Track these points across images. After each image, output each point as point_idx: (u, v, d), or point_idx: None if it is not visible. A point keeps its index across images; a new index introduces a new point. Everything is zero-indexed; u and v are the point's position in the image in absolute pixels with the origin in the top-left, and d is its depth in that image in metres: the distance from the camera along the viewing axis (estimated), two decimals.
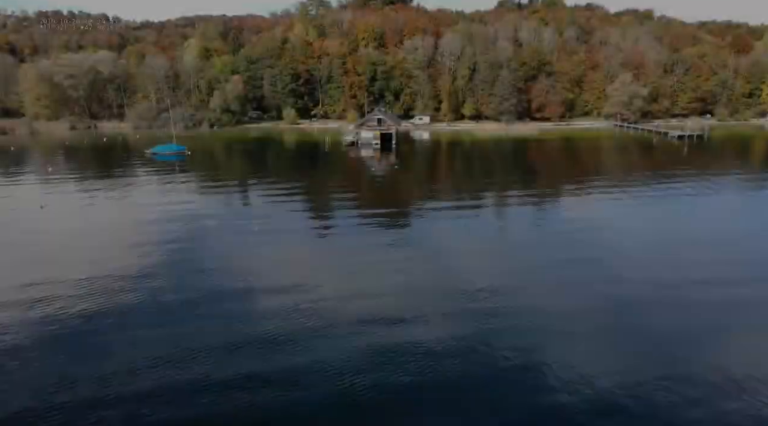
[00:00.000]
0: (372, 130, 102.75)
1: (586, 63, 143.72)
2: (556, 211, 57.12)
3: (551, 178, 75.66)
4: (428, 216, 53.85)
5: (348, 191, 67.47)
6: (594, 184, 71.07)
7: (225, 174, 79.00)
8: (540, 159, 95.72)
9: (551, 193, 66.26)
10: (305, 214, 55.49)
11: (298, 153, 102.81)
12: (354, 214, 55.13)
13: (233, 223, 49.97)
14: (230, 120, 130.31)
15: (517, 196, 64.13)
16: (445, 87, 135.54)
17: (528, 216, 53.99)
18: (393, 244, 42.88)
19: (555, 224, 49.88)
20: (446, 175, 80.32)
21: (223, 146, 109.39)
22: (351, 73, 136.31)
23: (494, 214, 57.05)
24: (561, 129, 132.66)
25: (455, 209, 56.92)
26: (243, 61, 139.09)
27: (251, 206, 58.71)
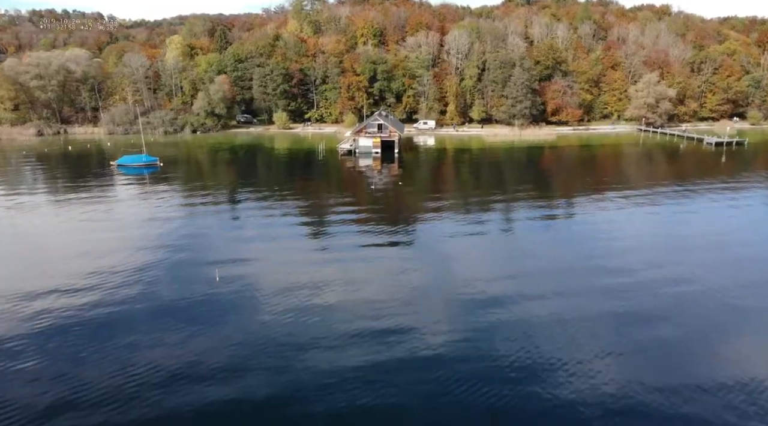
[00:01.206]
0: (371, 137, 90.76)
1: (605, 61, 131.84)
2: (596, 240, 45.25)
3: (581, 193, 63.57)
4: (439, 243, 45.21)
5: (344, 212, 55.62)
6: (635, 200, 59.30)
7: (200, 189, 67.06)
8: (562, 170, 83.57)
9: (585, 214, 54.33)
10: (291, 246, 43.89)
11: (288, 163, 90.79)
12: (352, 243, 43.40)
13: (190, 269, 37.98)
14: (215, 124, 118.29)
15: (540, 218, 52.46)
16: (451, 88, 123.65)
17: (559, 246, 42.49)
18: (401, 274, 35.92)
19: (599, 272, 38.14)
20: (455, 190, 68.25)
21: (205, 154, 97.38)
22: (348, 72, 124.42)
23: (512, 239, 45.84)
24: (580, 134, 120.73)
25: (469, 235, 47.92)
26: (230, 59, 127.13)
27: (222, 235, 46.66)
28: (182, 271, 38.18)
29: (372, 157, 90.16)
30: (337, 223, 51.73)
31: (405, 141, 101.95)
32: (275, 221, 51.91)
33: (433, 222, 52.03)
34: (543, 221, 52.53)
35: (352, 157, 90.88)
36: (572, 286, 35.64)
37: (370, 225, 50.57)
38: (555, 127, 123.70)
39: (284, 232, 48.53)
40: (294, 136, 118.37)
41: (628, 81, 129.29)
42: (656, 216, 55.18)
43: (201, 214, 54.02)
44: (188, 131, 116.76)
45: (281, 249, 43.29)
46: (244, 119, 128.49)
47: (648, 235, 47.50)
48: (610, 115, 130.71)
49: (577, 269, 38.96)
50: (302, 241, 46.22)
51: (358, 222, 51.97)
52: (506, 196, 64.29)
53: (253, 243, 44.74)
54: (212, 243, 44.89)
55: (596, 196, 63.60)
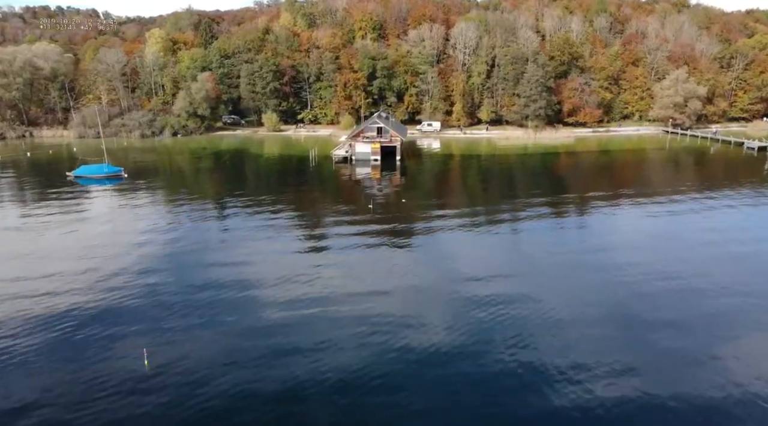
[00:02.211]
0: (370, 142, 79.82)
1: (625, 57, 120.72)
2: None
3: (616, 210, 52.38)
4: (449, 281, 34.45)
5: (337, 235, 44.75)
6: (685, 219, 47.47)
7: (168, 204, 56.19)
8: (589, 181, 72.37)
9: (625, 241, 42.88)
10: (275, 276, 33.17)
11: (276, 172, 79.89)
12: (342, 293, 32.67)
13: (111, 362, 27.11)
14: (198, 126, 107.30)
15: (572, 254, 41.08)
16: (457, 86, 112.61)
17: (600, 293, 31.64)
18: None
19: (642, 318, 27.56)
20: (465, 206, 56.83)
21: (184, 161, 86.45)
22: (345, 69, 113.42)
23: (535, 281, 34.97)
24: (600, 136, 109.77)
25: (483, 260, 35.71)
26: (215, 55, 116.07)
27: (184, 279, 35.77)
28: (105, 360, 27.40)
29: (371, 165, 79.32)
30: (328, 251, 40.91)
31: (407, 145, 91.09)
32: (255, 248, 41.08)
33: (443, 250, 41.22)
34: (573, 255, 41.61)
35: (348, 165, 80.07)
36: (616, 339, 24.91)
37: (369, 255, 39.82)
38: (572, 128, 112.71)
39: (266, 260, 37.78)
40: (285, 139, 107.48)
41: (651, 78, 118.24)
42: (714, 234, 44.51)
43: (161, 245, 43.11)
44: (168, 134, 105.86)
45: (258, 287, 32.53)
46: (230, 120, 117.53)
47: (707, 273, 36.68)
48: (631, 115, 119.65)
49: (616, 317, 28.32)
50: (288, 269, 35.55)
51: (354, 248, 41.22)
52: (522, 212, 53.39)
53: (223, 286, 34.01)
54: (162, 297, 34.05)
55: (634, 212, 52.69)
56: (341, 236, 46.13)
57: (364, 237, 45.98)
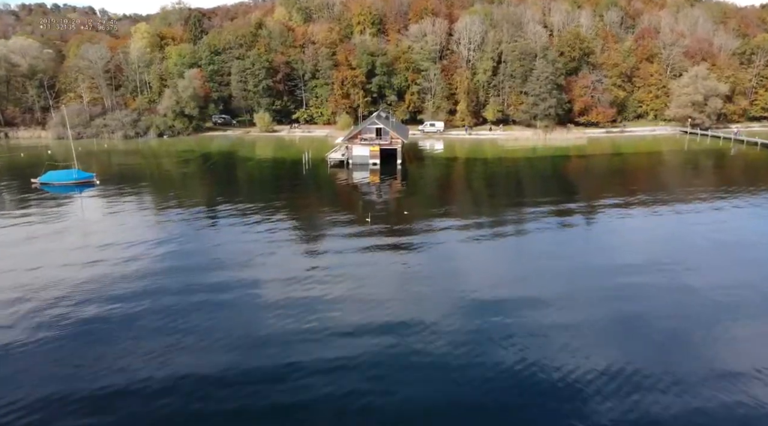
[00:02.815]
0: (368, 144, 73.21)
1: (638, 53, 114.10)
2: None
3: (645, 220, 45.63)
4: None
5: (331, 252, 38.07)
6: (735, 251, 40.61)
7: (138, 217, 49.50)
8: (606, 185, 65.41)
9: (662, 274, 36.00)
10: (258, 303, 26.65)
11: (265, 176, 73.36)
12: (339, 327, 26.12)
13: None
14: (186, 127, 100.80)
15: (601, 275, 34.07)
16: (462, 83, 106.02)
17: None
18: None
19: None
20: (476, 214, 50.00)
21: (167, 164, 79.84)
22: (343, 66, 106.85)
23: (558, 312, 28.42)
24: (614, 137, 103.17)
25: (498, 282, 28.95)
26: (205, 51, 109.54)
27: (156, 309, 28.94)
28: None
29: (369, 170, 72.74)
30: (319, 274, 34.28)
31: (408, 146, 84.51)
32: (228, 274, 34.44)
33: (451, 270, 34.56)
34: (603, 278, 34.94)
35: (344, 169, 73.50)
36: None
37: (367, 278, 33.21)
38: (583, 128, 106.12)
39: (244, 286, 31.16)
40: (278, 141, 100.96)
41: (666, 75, 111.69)
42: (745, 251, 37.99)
43: (115, 265, 36.43)
44: (153, 135, 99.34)
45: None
46: (221, 120, 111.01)
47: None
48: (645, 114, 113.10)
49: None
50: (275, 296, 28.91)
51: (350, 267, 34.60)
52: (535, 224, 46.74)
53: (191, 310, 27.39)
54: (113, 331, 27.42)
55: (657, 221, 46.03)
56: (335, 254, 39.55)
57: (362, 255, 39.42)
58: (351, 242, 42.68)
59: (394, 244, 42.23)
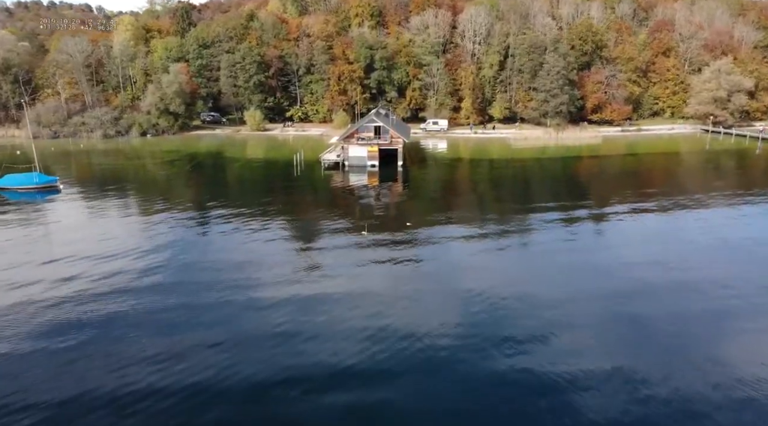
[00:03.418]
0: (366, 144, 66.43)
1: (654, 46, 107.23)
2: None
3: (674, 233, 38.94)
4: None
5: (319, 275, 31.36)
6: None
7: (96, 224, 42.75)
8: (629, 192, 58.34)
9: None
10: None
11: (252, 180, 66.64)
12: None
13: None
14: (171, 125, 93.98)
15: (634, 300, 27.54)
16: (467, 79, 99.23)
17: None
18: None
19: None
20: (487, 225, 43.07)
21: (145, 166, 73.05)
22: (339, 60, 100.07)
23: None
24: (630, 137, 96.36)
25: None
26: (193, 44, 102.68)
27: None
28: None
29: (367, 172, 66.03)
30: (304, 301, 27.62)
31: (410, 146, 77.78)
32: (196, 297, 27.74)
33: (462, 299, 27.92)
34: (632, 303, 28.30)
35: (340, 172, 66.78)
36: None
37: (361, 308, 26.57)
38: (596, 127, 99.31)
39: (213, 312, 24.50)
40: (271, 140, 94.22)
41: (684, 70, 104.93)
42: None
43: (54, 285, 29.70)
44: (136, 134, 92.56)
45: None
46: (210, 119, 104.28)
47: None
48: (661, 112, 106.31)
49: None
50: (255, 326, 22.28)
51: (342, 294, 27.97)
52: (555, 236, 39.99)
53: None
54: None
55: (686, 233, 39.32)
56: (324, 278, 32.86)
57: (356, 275, 32.80)
58: (344, 258, 36.00)
59: (393, 262, 35.52)
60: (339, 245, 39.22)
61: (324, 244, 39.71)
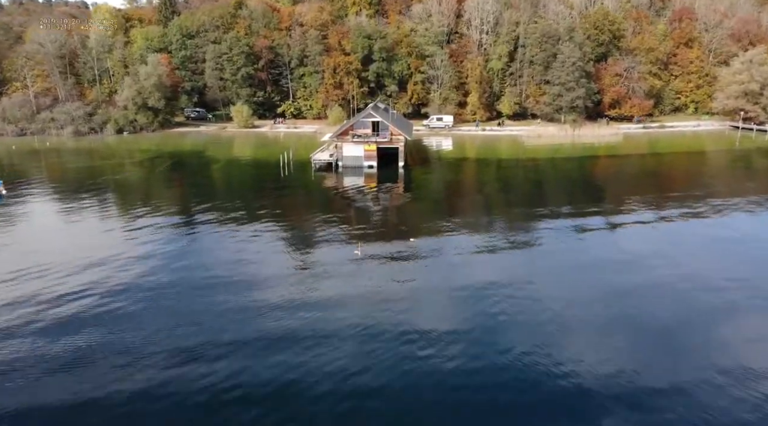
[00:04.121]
0: (362, 142, 58.40)
1: (675, 36, 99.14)
2: None
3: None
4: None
5: (298, 311, 23.35)
6: None
7: (42, 237, 34.69)
8: (664, 198, 50.25)
9: None
10: None
11: (232, 184, 58.52)
12: None
13: None
14: (151, 121, 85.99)
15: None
16: (473, 71, 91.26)
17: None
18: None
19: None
20: (507, 242, 34.96)
21: (114, 167, 64.95)
22: (335, 51, 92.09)
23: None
24: (653, 134, 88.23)
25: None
26: (176, 34, 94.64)
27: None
28: None
29: (363, 174, 58.06)
30: (283, 343, 19.71)
31: (412, 145, 69.73)
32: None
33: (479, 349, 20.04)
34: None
35: (332, 174, 58.77)
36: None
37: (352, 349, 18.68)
38: (615, 123, 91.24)
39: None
40: (259, 138, 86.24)
41: (708, 62, 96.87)
42: None
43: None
44: (111, 131, 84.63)
45: None
46: (195, 115, 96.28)
47: None
48: (684, 107, 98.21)
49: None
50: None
51: (327, 336, 20.06)
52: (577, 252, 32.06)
53: None
54: None
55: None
56: (303, 308, 24.92)
57: (345, 308, 24.86)
58: (330, 293, 27.97)
59: (391, 298, 27.47)
60: (327, 267, 31.23)
61: (308, 265, 31.78)
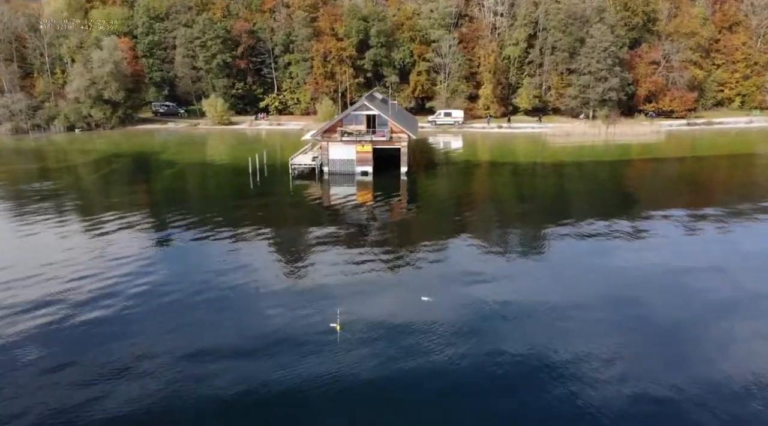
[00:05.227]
0: (353, 142, 45.53)
1: (717, 20, 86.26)
2: None
3: None
4: None
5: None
6: None
7: None
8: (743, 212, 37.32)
9: None
10: None
11: (182, 196, 45.35)
12: None
13: None
14: (108, 117, 73.12)
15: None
16: (487, 59, 78.40)
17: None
18: None
19: None
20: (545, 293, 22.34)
21: (35, 172, 52.03)
22: (326, 35, 79.17)
23: None
24: (698, 132, 75.28)
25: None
26: (143, 16, 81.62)
27: None
28: None
29: (356, 183, 45.34)
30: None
31: (415, 145, 56.85)
32: None
33: None
34: None
35: (316, 182, 45.99)
36: None
37: None
38: (654, 120, 78.31)
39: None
40: (237, 136, 73.52)
41: (757, 48, 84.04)
42: None
43: None
44: (61, 128, 71.88)
45: None
46: (164, 109, 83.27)
47: None
48: (727, 100, 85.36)
49: None
50: None
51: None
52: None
53: None
54: None
55: None
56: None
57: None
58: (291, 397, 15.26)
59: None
60: (286, 358, 18.50)
61: (260, 356, 19.05)
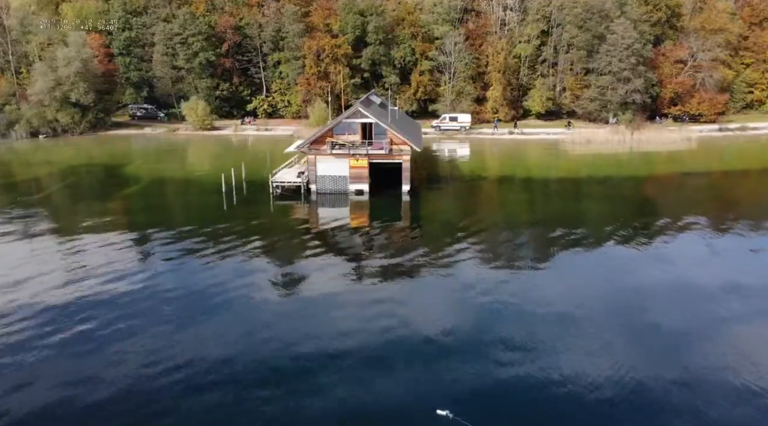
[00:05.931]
0: (346, 155, 38.24)
1: (745, 15, 79.31)
2: None
3: None
4: None
5: None
6: None
7: None
8: None
9: None
10: None
11: (132, 224, 37.64)
12: None
13: None
14: (77, 122, 65.97)
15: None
16: (495, 58, 71.20)
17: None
18: None
19: None
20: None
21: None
22: (319, 32, 72.15)
23: None
24: (733, 138, 68.10)
25: None
26: (119, 10, 74.37)
27: None
28: None
29: (349, 203, 38.09)
30: None
31: (417, 155, 49.52)
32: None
33: None
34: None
35: (301, 203, 38.70)
36: None
37: None
38: (681, 124, 71.18)
39: None
40: (221, 143, 66.41)
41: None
42: None
43: None
44: (23, 134, 64.72)
45: None
46: (142, 113, 76.13)
47: None
48: (757, 103, 78.36)
49: None
50: None
51: None
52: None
53: None
54: None
55: None
56: None
57: None
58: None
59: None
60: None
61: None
